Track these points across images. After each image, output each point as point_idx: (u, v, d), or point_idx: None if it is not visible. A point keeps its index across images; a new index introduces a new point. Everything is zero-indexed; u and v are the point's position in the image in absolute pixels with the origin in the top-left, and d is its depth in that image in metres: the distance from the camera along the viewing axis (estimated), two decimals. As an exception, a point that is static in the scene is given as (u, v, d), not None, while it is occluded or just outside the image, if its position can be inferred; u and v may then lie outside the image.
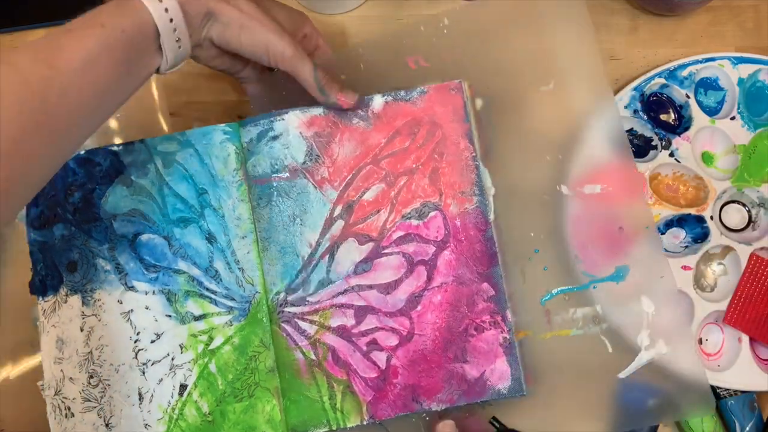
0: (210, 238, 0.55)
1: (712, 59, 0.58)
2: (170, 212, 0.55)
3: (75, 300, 0.55)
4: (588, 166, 0.53)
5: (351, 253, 0.53)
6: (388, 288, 0.52)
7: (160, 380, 0.54)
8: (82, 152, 0.56)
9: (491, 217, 0.52)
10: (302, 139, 0.54)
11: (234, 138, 0.56)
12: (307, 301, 0.53)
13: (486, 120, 0.53)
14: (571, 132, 0.54)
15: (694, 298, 0.56)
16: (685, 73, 0.59)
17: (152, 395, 0.54)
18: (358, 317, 0.53)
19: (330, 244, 0.53)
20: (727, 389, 0.55)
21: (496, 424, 0.49)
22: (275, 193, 0.54)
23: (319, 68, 0.51)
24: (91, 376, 0.55)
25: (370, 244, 0.53)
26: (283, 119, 0.55)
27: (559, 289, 0.53)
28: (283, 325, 0.55)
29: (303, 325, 0.54)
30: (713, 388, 0.55)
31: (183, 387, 0.54)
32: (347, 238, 0.53)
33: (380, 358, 0.52)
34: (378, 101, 0.53)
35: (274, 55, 0.50)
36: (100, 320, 0.55)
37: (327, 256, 0.53)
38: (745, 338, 0.55)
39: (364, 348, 0.52)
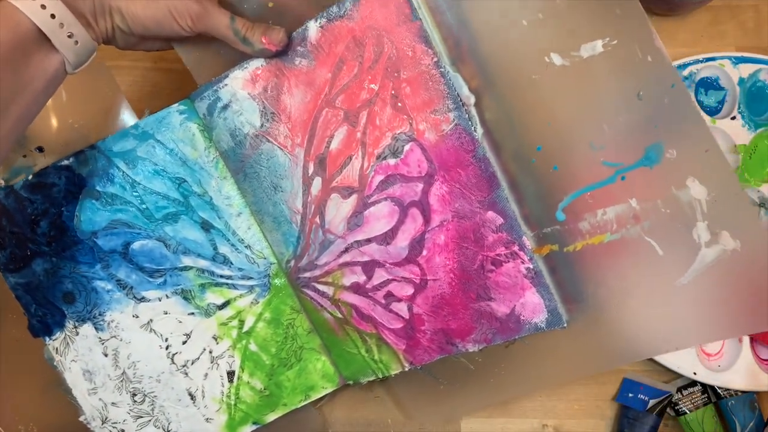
0: (205, 226, 0.47)
1: (713, 59, 0.54)
2: (154, 212, 0.47)
3: (87, 329, 0.50)
4: (577, 18, 0.37)
5: (338, 209, 0.43)
6: (386, 238, 0.42)
7: (206, 375, 0.49)
8: (30, 177, 0.48)
9: (478, 132, 0.38)
10: (252, 99, 0.44)
11: (192, 115, 0.47)
12: (316, 264, 0.45)
13: (445, 8, 0.38)
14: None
15: None
16: (685, 72, 0.54)
17: (203, 391, 0.50)
18: (367, 272, 0.44)
19: (316, 205, 0.43)
20: (728, 389, 0.51)
21: None
22: (247, 165, 0.44)
23: (237, 18, 0.41)
24: (134, 394, 0.51)
25: (354, 196, 0.42)
26: (226, 84, 0.45)
27: (577, 189, 0.39)
28: (303, 290, 0.48)
29: (321, 287, 0.47)
30: (713, 388, 0.51)
31: (231, 374, 0.50)
32: (330, 194, 0.42)
33: (401, 308, 0.44)
34: (313, 29, 0.40)
35: (181, 18, 0.41)
36: (121, 340, 0.49)
37: (317, 218, 0.43)
38: (746, 338, 0.51)
39: (383, 301, 0.44)
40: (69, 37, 0.39)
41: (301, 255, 0.47)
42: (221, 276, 0.49)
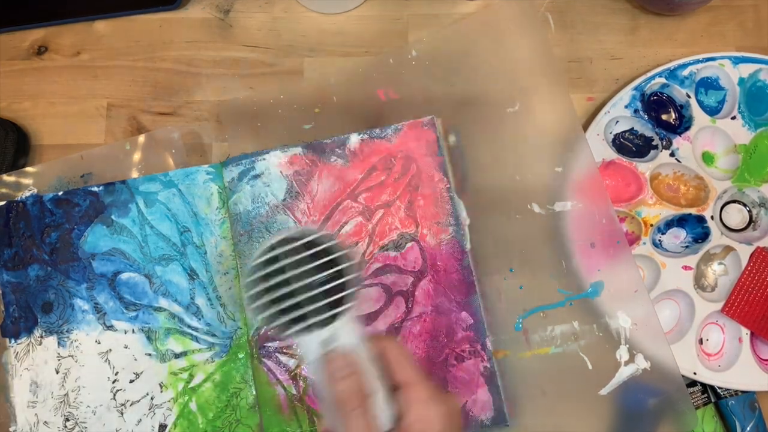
0: (192, 275, 0.55)
1: (713, 59, 0.58)
2: (152, 250, 0.53)
3: (50, 341, 0.55)
4: (557, 183, 0.55)
5: (331, 285, 0.49)
6: (368, 319, 0.50)
7: (139, 421, 0.52)
8: (60, 193, 0.57)
9: (467, 246, 0.51)
10: (283, 177, 0.53)
11: (217, 178, 0.54)
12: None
13: (459, 153, 0.56)
14: (539, 151, 0.56)
15: (694, 298, 0.55)
16: (685, 72, 0.58)
17: None
18: (338, 349, 0.48)
19: (310, 277, 0.49)
20: (728, 389, 0.54)
21: None
22: (256, 229, 0.50)
23: None
24: (67, 419, 0.54)
25: (350, 276, 0.49)
26: (264, 159, 0.58)
27: (535, 307, 0.53)
28: (264, 360, 0.55)
29: (283, 359, 0.52)
30: (713, 388, 0.55)
31: (162, 427, 0.53)
32: (326, 271, 0.49)
33: (361, 390, 0.47)
34: (354, 140, 0.52)
35: None
36: (77, 361, 0.55)
37: (307, 290, 0.50)
38: (746, 338, 0.54)
39: (345, 380, 0.48)
40: None
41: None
42: (189, 326, 0.57)
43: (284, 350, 0.54)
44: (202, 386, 0.54)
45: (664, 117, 0.58)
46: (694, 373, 0.53)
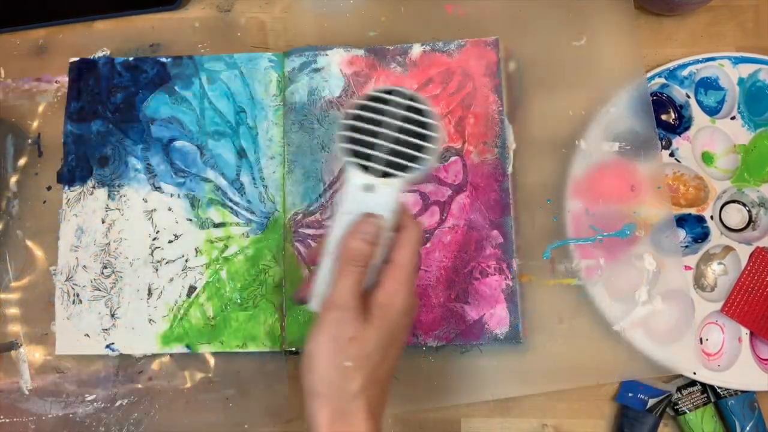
0: (240, 153, 0.59)
1: (712, 59, 0.58)
2: (207, 124, 0.57)
3: (101, 193, 0.59)
4: (609, 123, 0.56)
5: (371, 185, 0.52)
6: None
7: (171, 279, 0.55)
8: (131, 59, 0.61)
9: (509, 170, 0.54)
10: (341, 75, 0.55)
11: (278, 67, 0.58)
12: (323, 224, 0.52)
13: (516, 81, 0.56)
14: (598, 88, 0.57)
15: (694, 298, 0.56)
16: (685, 72, 0.58)
17: (161, 292, 0.58)
18: (368, 246, 0.51)
19: (352, 174, 0.52)
20: (727, 389, 0.55)
21: None
22: (308, 120, 0.52)
23: None
24: (105, 267, 0.57)
25: (391, 179, 0.51)
26: (326, 54, 0.59)
27: (566, 239, 0.55)
28: (296, 243, 0.58)
29: (315, 245, 0.51)
30: (713, 388, 0.56)
31: (192, 289, 0.57)
32: (369, 170, 0.51)
33: (383, 286, 0.50)
34: (416, 50, 0.54)
35: None
36: (122, 215, 0.58)
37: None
38: (745, 338, 0.55)
39: (370, 275, 0.51)
40: None
41: (312, 212, 0.54)
42: (231, 200, 0.59)
43: (317, 238, 0.57)
44: (235, 258, 0.56)
45: (663, 117, 0.58)
46: (694, 373, 0.53)
